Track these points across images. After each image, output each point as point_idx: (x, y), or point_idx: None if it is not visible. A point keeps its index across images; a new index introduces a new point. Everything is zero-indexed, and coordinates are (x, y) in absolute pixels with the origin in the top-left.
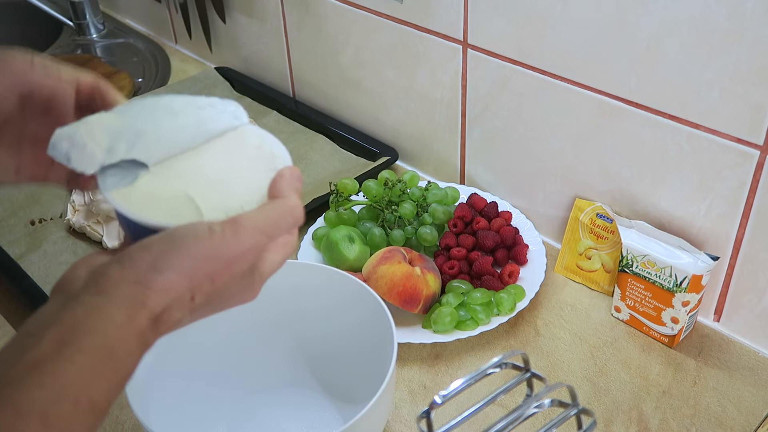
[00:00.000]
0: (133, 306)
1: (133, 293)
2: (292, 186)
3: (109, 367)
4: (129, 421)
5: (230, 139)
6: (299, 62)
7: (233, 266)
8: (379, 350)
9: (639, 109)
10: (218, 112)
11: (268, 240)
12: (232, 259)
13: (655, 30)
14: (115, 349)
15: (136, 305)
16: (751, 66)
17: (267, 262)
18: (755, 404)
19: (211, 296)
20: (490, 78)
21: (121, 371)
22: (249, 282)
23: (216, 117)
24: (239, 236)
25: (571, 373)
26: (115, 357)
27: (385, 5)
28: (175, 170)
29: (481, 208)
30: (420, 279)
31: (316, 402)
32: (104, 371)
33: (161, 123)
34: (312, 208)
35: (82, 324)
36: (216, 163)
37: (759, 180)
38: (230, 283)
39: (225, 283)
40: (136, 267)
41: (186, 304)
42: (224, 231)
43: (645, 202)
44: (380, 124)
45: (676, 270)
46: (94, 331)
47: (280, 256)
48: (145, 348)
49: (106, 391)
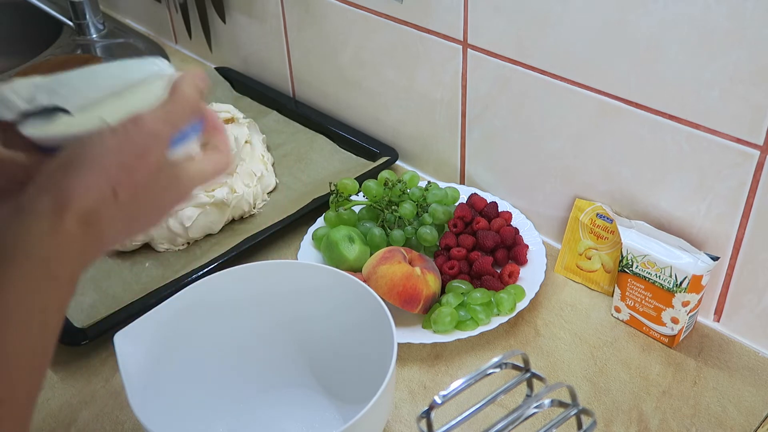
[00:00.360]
0: (56, 213)
1: (53, 200)
2: (191, 83)
3: (49, 281)
4: (129, 421)
5: (152, 86)
6: (299, 62)
7: (144, 156)
8: (379, 350)
9: (639, 109)
10: (144, 64)
11: (171, 128)
12: (140, 149)
13: (655, 30)
14: (49, 260)
15: (58, 211)
16: (751, 66)
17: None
18: (755, 404)
19: (135, 191)
20: (490, 78)
21: (63, 283)
22: (173, 178)
23: (140, 68)
24: (141, 127)
25: (571, 373)
26: (51, 269)
27: (385, 5)
28: (93, 112)
29: (481, 208)
30: (420, 279)
31: (316, 402)
32: (45, 286)
33: (86, 76)
34: (312, 208)
35: (12, 245)
36: (133, 104)
37: (759, 180)
38: (151, 177)
39: (145, 176)
40: (50, 176)
41: (111, 201)
42: (126, 125)
43: (645, 202)
44: (380, 124)
45: (676, 270)
46: (25, 245)
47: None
48: (86, 257)
49: (53, 302)
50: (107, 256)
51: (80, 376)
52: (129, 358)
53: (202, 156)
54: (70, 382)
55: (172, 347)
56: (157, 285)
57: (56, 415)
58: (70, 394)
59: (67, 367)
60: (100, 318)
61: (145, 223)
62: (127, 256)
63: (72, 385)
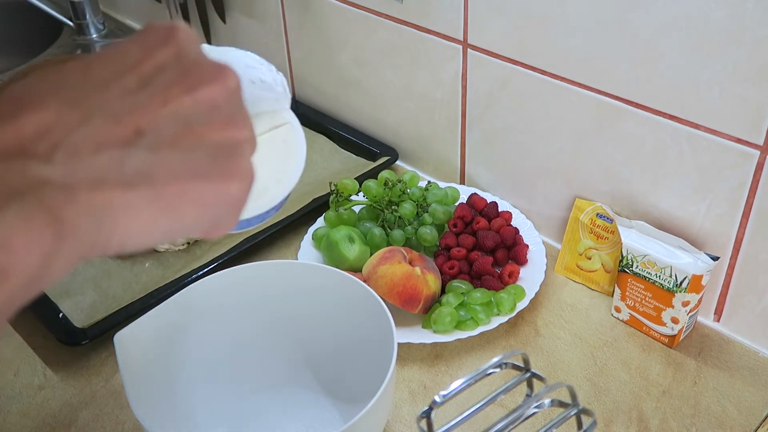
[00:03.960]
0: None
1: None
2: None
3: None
4: (129, 421)
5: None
6: (299, 62)
7: (101, 66)
8: (379, 350)
9: (639, 109)
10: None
11: (142, 51)
12: (101, 61)
13: (655, 30)
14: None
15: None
16: (751, 66)
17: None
18: (755, 404)
19: (101, 108)
20: (490, 78)
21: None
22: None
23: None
24: (109, 48)
25: (571, 373)
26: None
27: (385, 5)
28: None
29: (481, 208)
30: (420, 279)
31: (316, 402)
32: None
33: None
34: (312, 208)
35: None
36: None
37: (759, 180)
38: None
39: (112, 90)
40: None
41: (74, 121)
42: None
43: (645, 202)
44: (380, 124)
45: (676, 270)
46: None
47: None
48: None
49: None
50: (107, 256)
51: (80, 376)
52: (129, 358)
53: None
54: (70, 382)
55: (172, 347)
56: (157, 285)
57: (56, 415)
58: (70, 394)
59: (67, 367)
60: (100, 318)
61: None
62: (127, 256)
63: (72, 385)
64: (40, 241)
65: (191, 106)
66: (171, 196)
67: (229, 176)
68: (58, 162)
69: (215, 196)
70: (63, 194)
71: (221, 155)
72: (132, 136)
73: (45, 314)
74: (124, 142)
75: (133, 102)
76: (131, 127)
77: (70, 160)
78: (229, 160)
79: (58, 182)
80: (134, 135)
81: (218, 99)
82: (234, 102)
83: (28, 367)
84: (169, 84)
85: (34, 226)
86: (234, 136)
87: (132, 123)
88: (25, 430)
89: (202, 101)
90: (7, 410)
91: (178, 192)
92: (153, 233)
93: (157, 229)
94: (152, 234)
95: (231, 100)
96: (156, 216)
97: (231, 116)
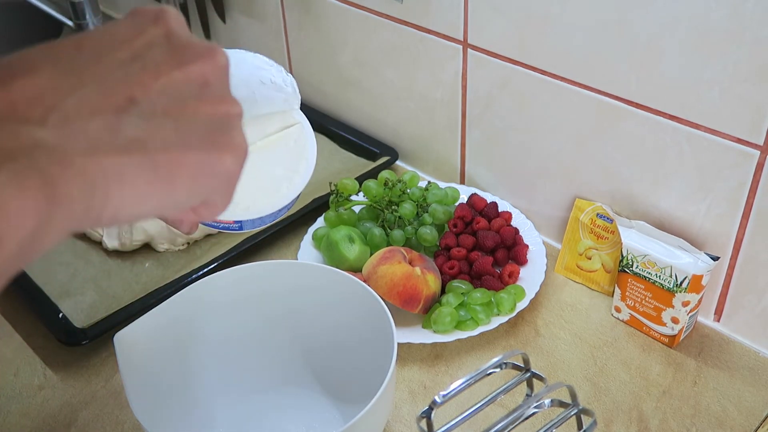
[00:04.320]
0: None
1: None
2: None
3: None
4: (129, 421)
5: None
6: (299, 62)
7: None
8: (379, 350)
9: (639, 109)
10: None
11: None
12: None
13: (655, 30)
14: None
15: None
16: (751, 66)
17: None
18: (755, 404)
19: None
20: (490, 78)
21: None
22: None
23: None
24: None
25: (571, 373)
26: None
27: (385, 5)
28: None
29: (481, 208)
30: (420, 279)
31: (316, 402)
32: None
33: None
34: (312, 208)
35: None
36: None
37: (759, 180)
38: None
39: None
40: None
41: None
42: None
43: (645, 202)
44: (380, 124)
45: (676, 270)
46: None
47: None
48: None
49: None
50: (107, 256)
51: (80, 376)
52: (129, 358)
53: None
54: (70, 382)
55: (171, 347)
56: (157, 285)
57: (56, 415)
58: (70, 394)
59: (67, 367)
60: (100, 318)
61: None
62: (127, 256)
63: (72, 385)
64: (33, 206)
65: (183, 81)
66: (165, 165)
67: (223, 148)
68: (51, 126)
69: (209, 168)
70: (57, 158)
71: (215, 128)
72: (125, 103)
73: (45, 314)
74: (118, 109)
75: (125, 73)
76: (125, 95)
77: (64, 124)
78: (222, 133)
79: (51, 146)
80: (127, 103)
81: (209, 76)
82: (224, 80)
83: (28, 367)
84: (160, 60)
85: (27, 190)
86: (227, 110)
87: (125, 91)
88: (25, 430)
89: (193, 77)
90: (7, 410)
91: (172, 161)
92: (145, 204)
93: (150, 200)
94: (145, 204)
95: (221, 79)
96: (149, 185)
97: (222, 93)
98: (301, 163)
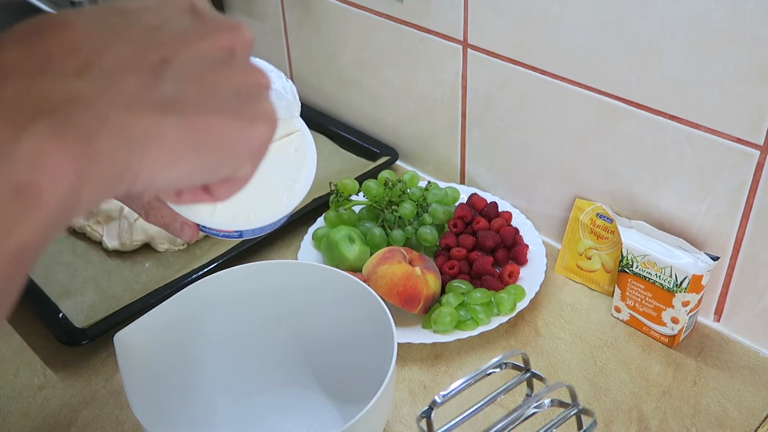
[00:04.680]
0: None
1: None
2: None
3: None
4: (129, 421)
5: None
6: (299, 62)
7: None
8: (379, 350)
9: (639, 109)
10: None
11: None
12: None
13: (655, 30)
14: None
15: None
16: (751, 66)
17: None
18: (755, 404)
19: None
20: (490, 78)
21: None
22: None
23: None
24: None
25: (571, 373)
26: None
27: (385, 5)
28: None
29: (481, 208)
30: (420, 279)
31: (316, 402)
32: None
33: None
34: (312, 208)
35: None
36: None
37: (759, 180)
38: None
39: (135, 24)
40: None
41: (101, 42)
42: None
43: (645, 202)
44: (380, 124)
45: (676, 270)
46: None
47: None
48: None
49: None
50: (107, 256)
51: (80, 376)
52: (129, 358)
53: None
54: (70, 382)
55: (171, 347)
56: (157, 285)
57: (56, 415)
58: (70, 394)
59: (67, 367)
60: (100, 318)
61: (213, 139)
62: (127, 256)
63: (72, 385)
64: (73, 159)
65: (211, 49)
66: (199, 128)
67: (255, 117)
68: (89, 79)
69: (242, 134)
70: (95, 112)
71: (246, 97)
72: (160, 64)
73: (45, 314)
74: (153, 68)
75: (156, 36)
76: (159, 55)
77: (101, 78)
78: (254, 102)
79: (88, 99)
80: (162, 63)
81: (236, 47)
82: (249, 54)
83: (28, 367)
84: (189, 28)
85: (67, 143)
86: (256, 80)
87: (159, 52)
88: (25, 430)
89: (221, 47)
90: (7, 410)
91: (207, 125)
92: (178, 169)
93: (183, 165)
94: (177, 169)
95: (247, 51)
96: (184, 149)
97: (249, 64)
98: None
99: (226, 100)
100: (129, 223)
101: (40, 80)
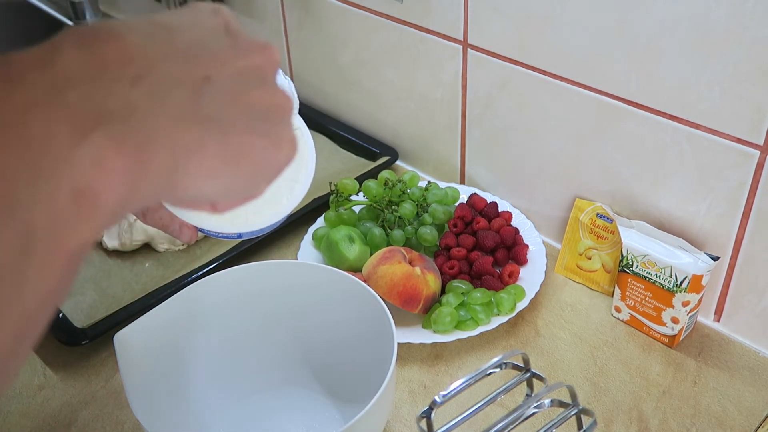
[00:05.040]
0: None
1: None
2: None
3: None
4: (129, 421)
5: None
6: (299, 62)
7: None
8: (379, 350)
9: (639, 109)
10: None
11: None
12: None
13: (655, 30)
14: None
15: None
16: (751, 66)
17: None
18: (755, 404)
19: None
20: (490, 78)
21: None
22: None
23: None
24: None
25: (571, 373)
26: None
27: (385, 5)
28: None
29: (481, 208)
30: (420, 279)
31: (316, 402)
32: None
33: None
34: (312, 208)
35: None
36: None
37: (759, 180)
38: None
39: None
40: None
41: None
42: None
43: (645, 202)
44: (380, 124)
45: (676, 270)
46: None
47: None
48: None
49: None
50: (107, 256)
51: (80, 376)
52: (129, 358)
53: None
54: (70, 382)
55: (171, 347)
56: (157, 285)
57: (56, 415)
58: (70, 394)
59: (67, 367)
60: (100, 318)
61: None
62: (127, 256)
63: (72, 385)
64: (128, 166)
65: (244, 70)
66: (235, 145)
67: (281, 140)
68: (142, 90)
69: (268, 156)
70: (148, 122)
71: (273, 120)
72: (202, 81)
73: None
74: (196, 84)
75: (197, 53)
76: (202, 72)
77: (152, 90)
78: (280, 126)
79: (143, 110)
80: (203, 80)
81: (266, 68)
82: (276, 73)
83: (28, 367)
84: (223, 47)
85: (124, 151)
86: (283, 104)
87: (202, 69)
88: (25, 430)
89: (253, 67)
90: (7, 410)
91: (242, 143)
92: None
93: (216, 180)
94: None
95: (275, 72)
96: (220, 163)
97: (276, 85)
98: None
99: (257, 121)
100: (129, 223)
101: (99, 87)
